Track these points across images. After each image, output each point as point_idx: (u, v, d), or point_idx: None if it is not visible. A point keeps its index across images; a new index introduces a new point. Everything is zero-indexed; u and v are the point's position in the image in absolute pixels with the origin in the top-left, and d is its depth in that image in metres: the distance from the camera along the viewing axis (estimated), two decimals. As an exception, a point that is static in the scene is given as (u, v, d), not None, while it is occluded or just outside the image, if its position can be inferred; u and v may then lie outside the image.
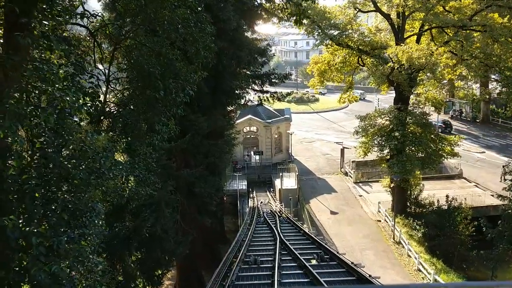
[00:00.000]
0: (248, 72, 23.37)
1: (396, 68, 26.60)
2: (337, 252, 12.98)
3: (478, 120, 61.61)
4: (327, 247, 14.02)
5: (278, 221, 21.86)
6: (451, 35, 27.17)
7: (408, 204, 34.00)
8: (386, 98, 69.99)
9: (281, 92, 27.30)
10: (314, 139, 56.53)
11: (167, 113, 9.03)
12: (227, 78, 18.26)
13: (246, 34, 22.83)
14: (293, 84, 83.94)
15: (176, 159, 18.34)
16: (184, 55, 9.96)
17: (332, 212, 34.95)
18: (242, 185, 37.88)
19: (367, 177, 42.52)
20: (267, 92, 25.81)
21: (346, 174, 43.89)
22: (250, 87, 24.37)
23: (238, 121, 43.38)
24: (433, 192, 35.56)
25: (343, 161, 45.03)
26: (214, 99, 18.72)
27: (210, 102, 18.24)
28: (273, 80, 24.80)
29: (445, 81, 46.46)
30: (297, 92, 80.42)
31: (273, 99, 26.16)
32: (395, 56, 26.05)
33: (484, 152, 48.73)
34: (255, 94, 26.10)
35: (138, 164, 8.69)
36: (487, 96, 55.36)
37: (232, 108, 29.45)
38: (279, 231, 17.47)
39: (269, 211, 29.63)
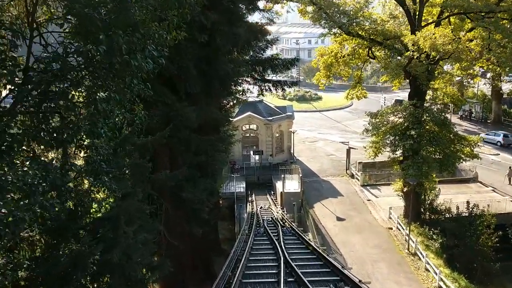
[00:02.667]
0: (247, 57, 20.25)
1: (415, 57, 23.48)
2: (360, 281, 9.92)
3: (489, 121, 58.85)
4: (346, 272, 10.93)
5: (280, 232, 18.71)
6: (476, 22, 23.98)
7: (422, 210, 30.94)
8: (391, 97, 67.21)
9: (286, 81, 23.99)
10: (317, 139, 53.46)
11: (120, 85, 6.00)
12: (222, 60, 15.13)
13: (244, 16, 19.53)
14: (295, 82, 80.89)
15: (159, 158, 15.28)
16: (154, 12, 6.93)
17: (339, 218, 31.88)
18: (240, 187, 34.73)
19: (375, 180, 39.51)
20: (269, 81, 22.60)
21: (352, 176, 40.82)
22: (249, 75, 21.18)
23: (236, 118, 40.31)
24: (448, 197, 32.55)
25: (349, 162, 41.97)
26: (206, 85, 15.62)
27: (200, 89, 15.15)
28: (276, 68, 21.55)
29: (458, 78, 43.55)
30: (299, 90, 77.66)
31: (276, 89, 23.01)
32: (415, 44, 22.91)
33: (499, 154, 45.85)
34: (255, 83, 22.88)
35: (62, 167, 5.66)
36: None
37: (230, 104, 26.30)
38: (283, 247, 14.37)
39: (270, 218, 26.43)
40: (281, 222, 23.62)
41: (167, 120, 14.56)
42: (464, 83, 60.07)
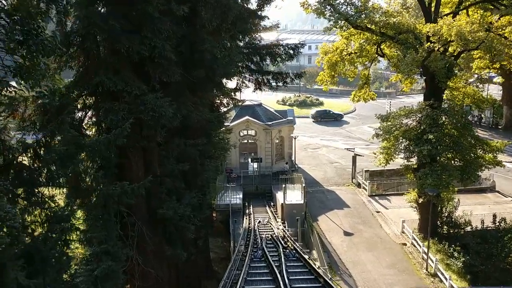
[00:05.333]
0: (241, 44, 17.16)
1: (437, 49, 20.40)
2: None
3: (500, 126, 55.92)
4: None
5: (282, 256, 15.45)
6: (504, 9, 20.92)
7: (439, 223, 27.67)
8: (396, 103, 64.21)
9: (288, 73, 20.80)
10: (320, 146, 50.35)
11: None
12: (208, 41, 11.98)
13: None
14: (295, 88, 78.10)
15: (129, 165, 12.13)
16: None
17: (346, 233, 28.60)
18: (237, 198, 31.43)
19: (383, 189, 36.30)
20: (268, 73, 19.41)
21: (358, 185, 37.61)
22: (244, 65, 18.01)
23: (233, 123, 37.32)
24: (465, 208, 29.35)
25: (355, 170, 38.79)
26: (188, 74, 12.47)
27: (181, 79, 12.02)
28: (277, 56, 18.37)
29: (472, 80, 40.65)
30: (299, 95, 75.02)
31: (276, 82, 19.83)
32: (436, 34, 19.85)
33: (515, 162, 42.65)
34: (251, 75, 19.68)
35: None
36: None
37: (224, 103, 23.16)
38: (286, 279, 11.18)
39: (269, 236, 23.06)
40: (282, 242, 20.24)
41: (138, 117, 11.42)
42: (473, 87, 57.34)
